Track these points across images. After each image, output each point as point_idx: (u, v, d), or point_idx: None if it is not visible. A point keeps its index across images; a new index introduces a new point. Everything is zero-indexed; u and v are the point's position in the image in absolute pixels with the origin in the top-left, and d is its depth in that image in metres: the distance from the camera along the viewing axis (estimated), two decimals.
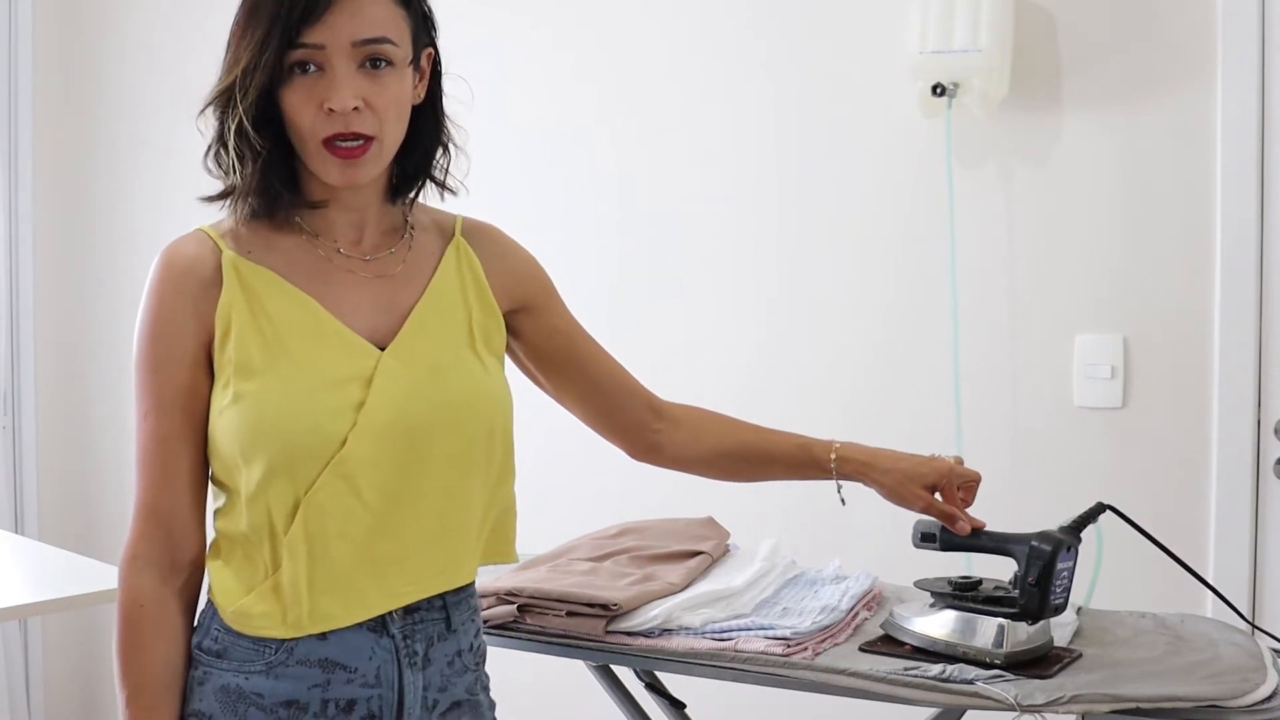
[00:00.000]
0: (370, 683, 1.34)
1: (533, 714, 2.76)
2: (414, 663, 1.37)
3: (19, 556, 2.58)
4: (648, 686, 1.92)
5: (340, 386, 1.32)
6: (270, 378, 1.31)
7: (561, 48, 2.79)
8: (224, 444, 1.32)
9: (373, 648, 1.35)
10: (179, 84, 3.40)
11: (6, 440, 3.55)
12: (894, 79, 2.40)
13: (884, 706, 1.58)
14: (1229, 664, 1.55)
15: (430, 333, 1.40)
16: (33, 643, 3.56)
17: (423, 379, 1.36)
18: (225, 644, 1.33)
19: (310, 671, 1.32)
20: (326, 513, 1.30)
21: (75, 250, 3.63)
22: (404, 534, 1.35)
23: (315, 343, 1.34)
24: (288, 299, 1.35)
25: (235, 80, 1.30)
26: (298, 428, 1.29)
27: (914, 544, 1.70)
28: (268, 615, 1.31)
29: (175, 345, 1.33)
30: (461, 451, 1.38)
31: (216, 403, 1.33)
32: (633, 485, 2.72)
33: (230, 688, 1.33)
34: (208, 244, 1.35)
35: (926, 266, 2.44)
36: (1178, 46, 2.24)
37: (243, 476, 1.31)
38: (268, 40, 1.29)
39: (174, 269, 1.34)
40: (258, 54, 1.29)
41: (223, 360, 1.32)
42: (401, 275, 1.41)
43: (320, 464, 1.30)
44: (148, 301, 1.34)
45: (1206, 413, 2.24)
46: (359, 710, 1.34)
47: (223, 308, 1.33)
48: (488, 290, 1.47)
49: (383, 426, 1.32)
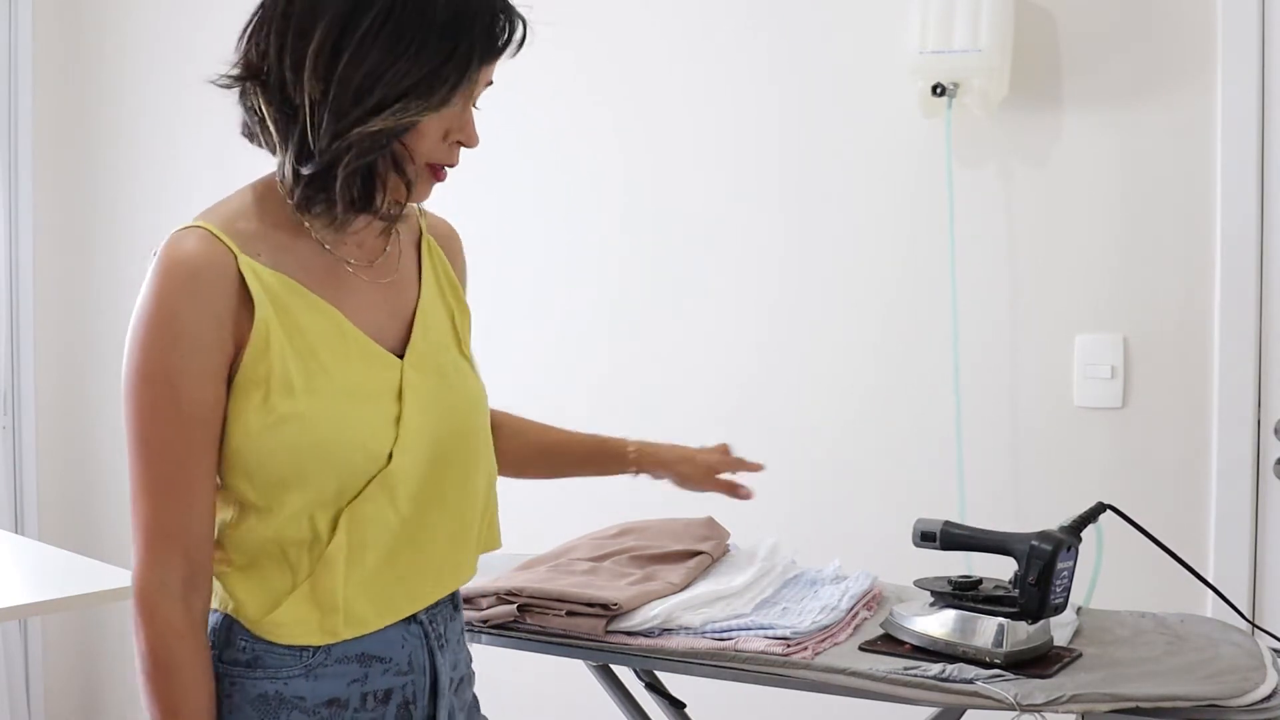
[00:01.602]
0: (404, 670, 1.36)
1: (533, 714, 2.77)
2: (441, 645, 1.40)
3: (19, 556, 2.58)
4: (648, 686, 1.92)
5: (375, 400, 1.32)
6: (314, 398, 1.27)
7: (562, 48, 2.78)
8: (266, 463, 1.26)
9: (403, 636, 1.36)
10: (179, 84, 3.41)
11: (6, 440, 3.55)
12: (894, 79, 2.40)
13: (884, 706, 1.58)
14: (1229, 663, 1.55)
15: (430, 337, 1.40)
16: (33, 643, 3.56)
17: (436, 386, 1.37)
18: (256, 653, 1.30)
19: (349, 668, 1.32)
20: (367, 523, 1.30)
21: (75, 250, 3.63)
22: (428, 538, 1.36)
23: (344, 355, 1.31)
24: (312, 308, 1.30)
25: (416, 87, 1.23)
26: (350, 447, 1.28)
27: (914, 543, 1.70)
28: (302, 623, 1.30)
29: (199, 357, 1.24)
30: (470, 453, 1.40)
31: (247, 419, 1.26)
32: (633, 485, 2.72)
33: (269, 695, 1.30)
34: (217, 244, 1.26)
35: (926, 266, 2.44)
36: (1178, 46, 2.24)
37: (287, 494, 1.27)
38: (470, 63, 1.25)
39: (190, 272, 1.24)
40: (458, 73, 1.25)
41: (259, 373, 1.25)
42: (398, 279, 1.40)
43: (367, 479, 1.30)
44: (159, 308, 1.23)
45: (1206, 413, 2.24)
46: (395, 698, 1.35)
47: (260, 321, 1.25)
48: (459, 289, 1.49)
49: (417, 438, 1.33)
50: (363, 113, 1.23)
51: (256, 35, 1.27)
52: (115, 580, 2.24)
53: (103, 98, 3.58)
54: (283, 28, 1.25)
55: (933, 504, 2.28)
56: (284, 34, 1.25)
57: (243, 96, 1.30)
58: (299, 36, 1.24)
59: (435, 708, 1.39)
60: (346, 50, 1.22)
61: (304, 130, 1.25)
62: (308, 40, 1.23)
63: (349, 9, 1.23)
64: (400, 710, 1.36)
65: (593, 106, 2.79)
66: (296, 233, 1.32)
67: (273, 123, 1.27)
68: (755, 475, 1.81)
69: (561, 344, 2.84)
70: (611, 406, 2.79)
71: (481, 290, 2.90)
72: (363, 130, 1.23)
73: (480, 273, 2.88)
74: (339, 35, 1.22)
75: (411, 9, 1.23)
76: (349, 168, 1.25)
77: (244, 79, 1.28)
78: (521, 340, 2.86)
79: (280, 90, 1.26)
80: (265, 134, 1.29)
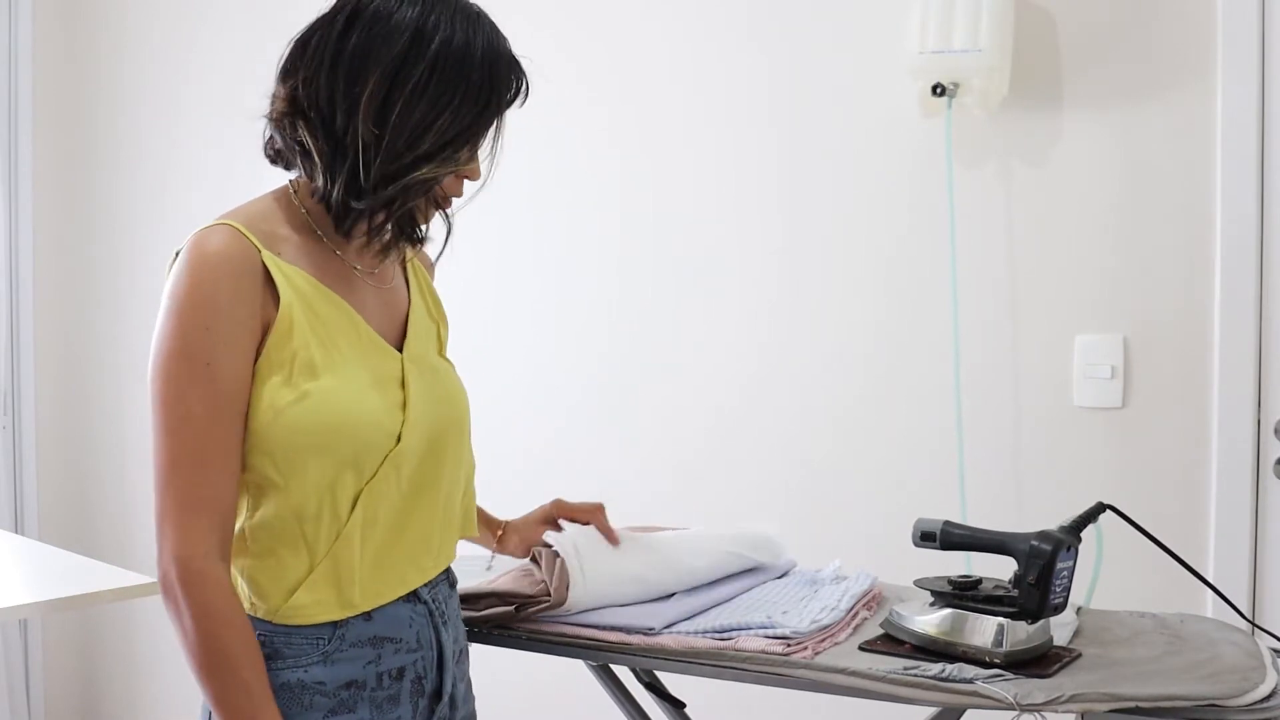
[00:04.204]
0: (413, 647, 1.47)
1: (533, 714, 2.77)
2: (444, 622, 1.52)
3: (19, 556, 2.58)
4: (647, 686, 1.92)
5: (385, 386, 1.43)
6: (334, 377, 1.38)
7: (561, 50, 2.78)
8: (288, 440, 1.34)
9: (410, 616, 1.47)
10: (179, 83, 3.41)
11: (6, 440, 3.55)
12: (894, 79, 2.40)
13: (884, 706, 1.58)
14: (1229, 663, 1.55)
15: (421, 338, 1.54)
16: (33, 643, 3.57)
17: (431, 380, 1.50)
18: (276, 645, 1.38)
19: (363, 651, 1.42)
20: (380, 501, 1.41)
21: (75, 250, 3.63)
22: (425, 517, 1.48)
23: (356, 344, 1.43)
24: (329, 301, 1.41)
25: (459, 137, 1.39)
26: (367, 423, 1.39)
27: (914, 543, 1.70)
28: (321, 603, 1.38)
29: (234, 340, 1.33)
30: (458, 442, 1.53)
31: (272, 397, 1.34)
32: (632, 485, 2.72)
33: (291, 683, 1.38)
34: (243, 239, 1.35)
35: (926, 266, 2.44)
36: (1178, 46, 2.24)
37: (308, 471, 1.36)
38: (496, 115, 1.42)
39: (225, 261, 1.33)
40: (487, 124, 1.42)
41: (282, 356, 1.35)
42: (394, 287, 1.54)
43: (381, 457, 1.40)
44: (195, 290, 1.32)
45: (1206, 413, 2.24)
46: (408, 674, 1.46)
47: (285, 305, 1.36)
48: (439, 302, 1.63)
49: (420, 423, 1.45)
50: (415, 159, 1.37)
51: (304, 74, 1.38)
52: (115, 580, 2.24)
53: (102, 97, 3.58)
54: (333, 72, 1.36)
55: (933, 504, 2.28)
56: (334, 78, 1.36)
57: (281, 127, 1.40)
58: (350, 83, 1.36)
59: (441, 679, 1.51)
60: (399, 100, 1.35)
61: (354, 167, 1.37)
62: (360, 87, 1.35)
63: (399, 62, 1.35)
64: (413, 685, 1.47)
65: (591, 106, 2.79)
66: (311, 237, 1.44)
67: (318, 155, 1.38)
68: (756, 475, 1.82)
69: (560, 344, 2.84)
70: (611, 407, 2.79)
71: (481, 291, 2.91)
72: (416, 176, 1.38)
73: (480, 273, 2.89)
74: (390, 86, 1.35)
75: (453, 65, 1.37)
76: (401, 208, 1.41)
77: (289, 115, 1.39)
78: (520, 341, 2.86)
79: (327, 127, 1.37)
80: (306, 163, 1.40)
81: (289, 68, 1.40)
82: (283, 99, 1.39)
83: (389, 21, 1.36)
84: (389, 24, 1.36)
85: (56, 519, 3.63)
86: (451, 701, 1.53)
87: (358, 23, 1.36)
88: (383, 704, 1.43)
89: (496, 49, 1.41)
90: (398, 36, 1.35)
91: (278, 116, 1.40)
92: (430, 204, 1.46)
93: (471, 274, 2.77)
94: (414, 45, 1.35)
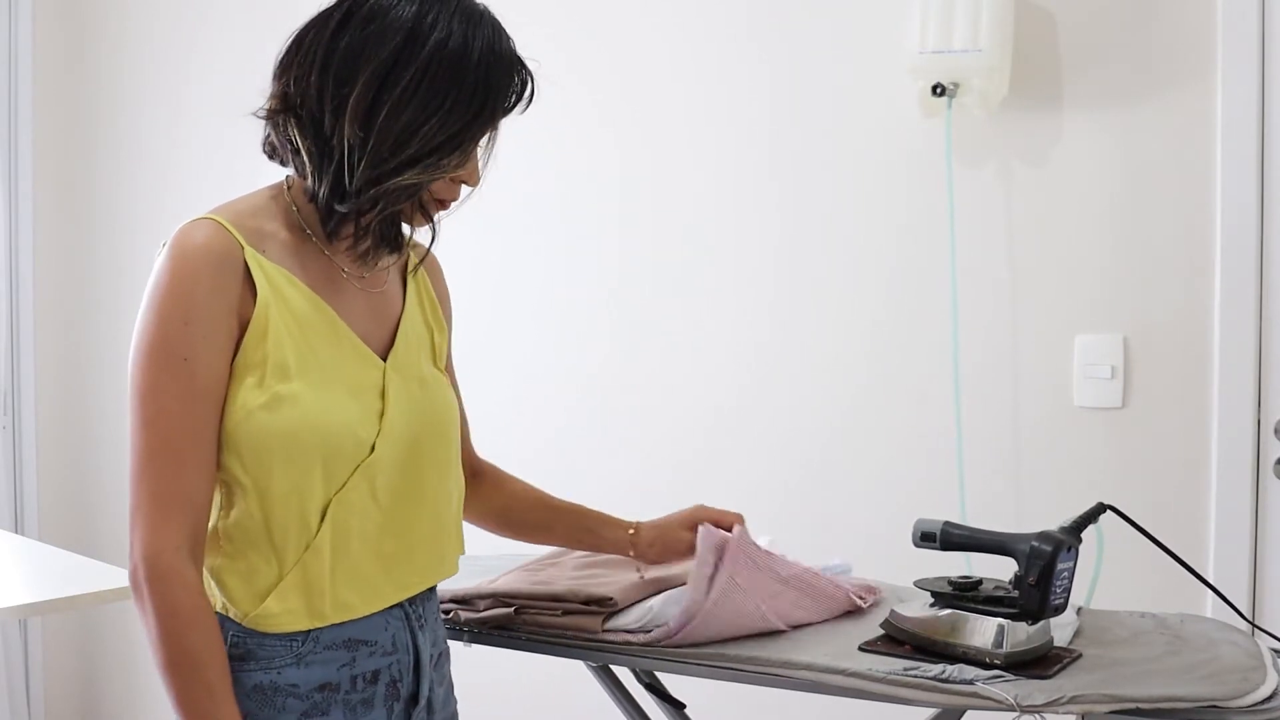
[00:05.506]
0: (389, 650, 1.43)
1: (533, 714, 2.77)
2: (421, 625, 1.48)
3: (19, 556, 2.58)
4: (647, 686, 1.92)
5: (362, 394, 1.39)
6: (306, 382, 1.34)
7: (561, 49, 2.78)
8: (256, 442, 1.32)
9: (386, 620, 1.43)
10: (179, 83, 3.41)
11: (6, 440, 3.55)
12: (894, 79, 2.40)
13: (884, 706, 1.58)
14: (1229, 664, 1.55)
15: (411, 347, 1.49)
16: (33, 643, 3.56)
17: (416, 391, 1.46)
18: (249, 646, 1.35)
19: (337, 654, 1.39)
20: (351, 512, 1.37)
21: (75, 250, 3.63)
22: (408, 532, 1.44)
23: (335, 349, 1.39)
24: (308, 302, 1.37)
25: (447, 143, 1.34)
26: (338, 432, 1.35)
27: (914, 543, 1.70)
28: (291, 612, 1.35)
29: (212, 335, 1.30)
30: (445, 457, 1.49)
31: (243, 398, 1.31)
32: (631, 485, 2.72)
33: (264, 685, 1.36)
34: (226, 235, 1.33)
35: (926, 266, 2.44)
36: (1178, 46, 2.24)
37: (273, 476, 1.32)
38: (492, 120, 1.38)
39: (204, 256, 1.30)
40: (481, 129, 1.37)
41: (256, 357, 1.32)
42: (386, 291, 1.49)
43: (352, 467, 1.37)
44: (175, 285, 1.30)
45: (1206, 413, 2.24)
46: (383, 678, 1.43)
47: (262, 304, 1.32)
48: (439, 310, 1.58)
49: (398, 434, 1.41)
50: (399, 164, 1.33)
51: (296, 71, 1.35)
52: (115, 580, 2.24)
53: (102, 97, 3.58)
54: (324, 71, 1.33)
55: (933, 504, 2.29)
56: (324, 77, 1.33)
57: (274, 124, 1.38)
58: (339, 83, 1.32)
59: (418, 683, 1.47)
60: (386, 103, 1.31)
61: (339, 169, 1.34)
62: (349, 88, 1.32)
63: (390, 64, 1.31)
64: (388, 689, 1.43)
65: (590, 106, 2.79)
66: (300, 236, 1.41)
67: (307, 154, 1.35)
68: (755, 475, 1.82)
69: (560, 344, 2.84)
70: (611, 406, 2.79)
71: (481, 292, 2.91)
72: (399, 181, 1.33)
73: (480, 274, 2.89)
74: (379, 87, 1.31)
75: (446, 69, 1.32)
76: (383, 213, 1.37)
77: (281, 113, 1.36)
78: (520, 340, 2.86)
79: (316, 127, 1.34)
80: (297, 161, 1.37)
81: (284, 64, 1.37)
82: (276, 96, 1.37)
83: (384, 20, 1.32)
84: (384, 22, 1.32)
85: (56, 519, 3.63)
86: (429, 706, 1.49)
87: (353, 20, 1.33)
88: (357, 707, 1.40)
89: (496, 52, 1.36)
90: (391, 36, 1.31)
91: (271, 114, 1.37)
92: (417, 209, 1.41)
93: (471, 274, 2.77)
94: (407, 46, 1.31)
